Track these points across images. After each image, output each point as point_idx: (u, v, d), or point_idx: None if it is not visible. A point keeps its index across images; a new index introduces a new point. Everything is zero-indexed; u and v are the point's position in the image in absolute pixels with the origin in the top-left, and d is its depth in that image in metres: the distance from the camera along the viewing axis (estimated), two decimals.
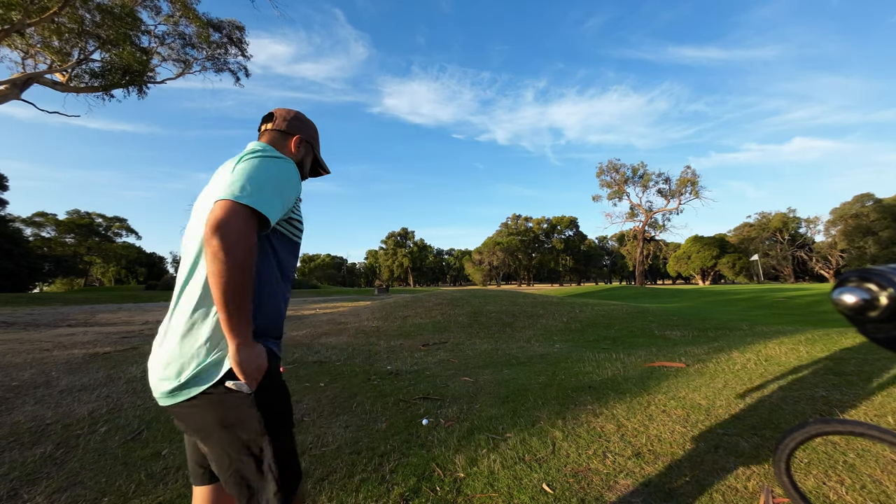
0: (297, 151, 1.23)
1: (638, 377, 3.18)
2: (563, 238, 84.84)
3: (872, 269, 0.86)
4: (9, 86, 14.54)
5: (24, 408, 2.88)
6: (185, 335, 0.93)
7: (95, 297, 23.03)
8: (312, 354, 4.73)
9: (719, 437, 2.05)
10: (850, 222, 51.36)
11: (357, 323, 7.30)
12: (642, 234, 49.86)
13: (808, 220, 63.16)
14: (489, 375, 3.56)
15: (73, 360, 4.33)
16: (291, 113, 1.25)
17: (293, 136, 1.23)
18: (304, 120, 1.27)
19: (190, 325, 0.93)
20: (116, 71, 15.83)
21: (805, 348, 3.57)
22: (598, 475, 1.78)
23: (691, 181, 46.04)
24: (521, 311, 7.63)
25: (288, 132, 1.22)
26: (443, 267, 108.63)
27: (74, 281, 50.52)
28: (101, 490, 1.82)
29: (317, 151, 1.31)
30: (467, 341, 5.61)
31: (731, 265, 59.32)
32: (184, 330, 0.94)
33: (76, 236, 46.81)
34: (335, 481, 1.82)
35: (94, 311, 13.52)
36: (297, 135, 1.23)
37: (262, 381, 0.95)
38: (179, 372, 0.92)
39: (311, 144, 1.28)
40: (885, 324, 0.84)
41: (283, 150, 1.20)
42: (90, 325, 9.34)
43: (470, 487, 1.73)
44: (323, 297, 24.59)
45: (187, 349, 0.93)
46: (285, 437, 0.99)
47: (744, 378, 2.93)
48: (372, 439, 2.26)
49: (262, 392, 0.95)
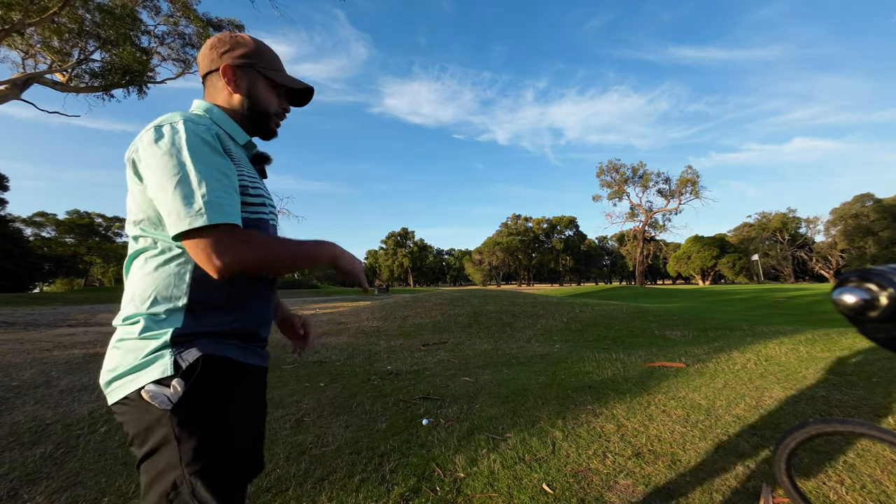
0: (236, 85, 0.91)
1: (638, 377, 3.18)
2: (563, 238, 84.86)
3: (872, 270, 0.86)
4: (9, 86, 14.55)
5: (24, 408, 2.88)
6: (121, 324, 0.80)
7: (95, 297, 23.02)
8: (312, 354, 4.73)
9: (719, 437, 2.05)
10: (850, 222, 51.36)
11: (357, 323, 7.30)
12: (642, 234, 49.88)
13: (808, 220, 63.19)
14: (489, 375, 3.56)
15: (73, 360, 4.32)
16: (208, 43, 0.94)
17: (219, 69, 0.91)
18: (229, 40, 0.93)
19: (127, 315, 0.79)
20: (116, 71, 15.84)
21: (805, 348, 3.57)
22: (598, 475, 1.78)
23: (691, 181, 46.10)
24: (521, 311, 7.63)
25: (213, 70, 0.92)
26: (443, 267, 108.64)
27: (74, 281, 50.52)
28: (101, 490, 1.82)
29: (267, 71, 0.94)
30: (467, 341, 5.61)
31: (731, 265, 59.31)
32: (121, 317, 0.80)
33: (76, 236, 46.85)
34: (335, 481, 1.82)
35: (95, 311, 13.52)
36: (223, 64, 0.90)
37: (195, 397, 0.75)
38: (108, 367, 0.78)
39: (251, 64, 0.92)
40: (886, 324, 0.83)
41: (222, 97, 0.92)
42: (90, 325, 9.34)
43: (470, 487, 1.73)
44: (323, 296, 24.60)
45: (121, 344, 0.78)
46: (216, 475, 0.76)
47: (744, 378, 2.93)
48: (372, 439, 2.26)
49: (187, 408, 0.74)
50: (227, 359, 0.81)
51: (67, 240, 46.01)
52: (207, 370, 0.77)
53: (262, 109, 0.95)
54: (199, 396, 0.76)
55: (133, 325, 0.78)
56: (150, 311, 0.77)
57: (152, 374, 0.74)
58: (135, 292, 0.79)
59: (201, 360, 0.76)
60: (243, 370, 0.84)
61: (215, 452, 0.77)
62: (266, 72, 0.94)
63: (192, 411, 0.75)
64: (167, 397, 0.73)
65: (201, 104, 0.91)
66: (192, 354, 0.76)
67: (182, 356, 0.75)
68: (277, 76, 0.96)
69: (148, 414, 0.74)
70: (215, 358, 0.78)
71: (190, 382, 0.75)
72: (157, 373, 0.74)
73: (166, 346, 0.75)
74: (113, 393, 0.77)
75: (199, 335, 0.78)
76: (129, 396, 0.75)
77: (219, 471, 0.77)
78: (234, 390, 0.82)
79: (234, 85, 0.92)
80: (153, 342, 0.75)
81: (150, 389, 0.73)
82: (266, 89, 0.95)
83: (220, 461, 0.77)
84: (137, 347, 0.76)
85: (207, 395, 0.77)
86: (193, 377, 0.75)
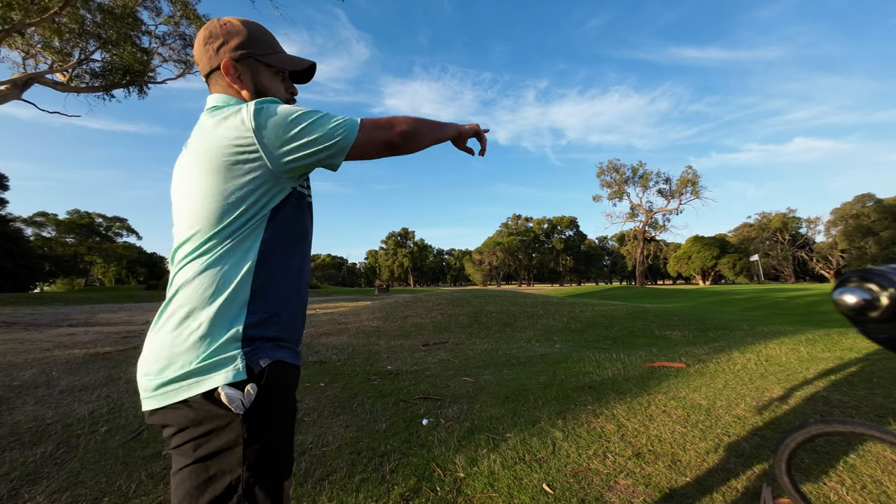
0: (241, 81, 0.89)
1: (638, 377, 3.18)
2: (564, 238, 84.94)
3: (873, 270, 0.86)
4: (10, 86, 14.56)
5: (24, 408, 2.88)
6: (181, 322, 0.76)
7: (96, 297, 23.04)
8: (313, 354, 4.73)
9: (720, 437, 2.05)
10: (851, 222, 51.34)
11: (357, 323, 7.30)
12: (642, 234, 49.88)
13: (808, 221, 63.21)
14: (489, 375, 3.56)
15: (73, 360, 4.33)
16: (200, 38, 0.89)
17: (220, 66, 0.87)
18: (221, 31, 0.88)
19: (188, 312, 0.76)
20: (117, 71, 15.83)
21: (806, 348, 3.56)
22: (599, 475, 1.78)
23: (692, 181, 46.14)
24: (522, 311, 7.63)
25: (214, 68, 0.88)
26: (443, 267, 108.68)
27: (75, 281, 50.57)
28: (101, 490, 1.82)
29: (267, 58, 0.90)
30: (467, 341, 5.61)
31: (731, 265, 59.31)
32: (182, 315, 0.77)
33: (77, 236, 46.86)
34: (335, 481, 1.82)
35: (95, 310, 13.53)
36: (222, 61, 0.87)
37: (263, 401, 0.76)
38: (166, 367, 0.74)
39: (249, 54, 0.88)
40: (886, 324, 0.83)
41: (231, 94, 0.90)
42: (91, 324, 9.35)
43: (470, 487, 1.73)
44: (323, 296, 24.60)
45: (181, 340, 0.75)
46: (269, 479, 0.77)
47: (744, 378, 2.93)
48: (372, 439, 2.26)
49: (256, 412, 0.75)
50: (287, 364, 0.81)
51: (68, 240, 46.02)
52: (273, 375, 0.77)
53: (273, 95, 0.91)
54: (265, 400, 0.76)
55: (194, 324, 0.75)
56: (214, 311, 0.75)
57: (224, 377, 0.72)
58: (192, 293, 0.77)
59: (269, 366, 0.76)
60: (296, 374, 0.86)
61: (274, 455, 0.78)
62: (266, 58, 0.91)
63: (260, 415, 0.75)
64: (242, 401, 0.72)
65: (221, 97, 0.89)
66: (263, 359, 0.76)
67: (253, 360, 0.75)
68: (278, 60, 0.92)
69: (214, 417, 0.72)
70: (280, 364, 0.79)
71: (261, 387, 0.75)
72: (230, 376, 0.73)
73: (236, 347, 0.75)
74: (169, 395, 0.73)
75: (261, 339, 0.78)
76: (192, 398, 0.72)
77: (273, 472, 0.78)
78: (288, 394, 0.83)
79: (238, 82, 0.89)
80: (219, 343, 0.74)
81: (228, 393, 0.72)
82: (270, 77, 0.92)
83: (276, 463, 0.78)
84: (201, 347, 0.74)
85: (271, 400, 0.77)
86: (263, 381, 0.75)
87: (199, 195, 0.78)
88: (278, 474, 0.80)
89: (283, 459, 0.82)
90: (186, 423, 0.73)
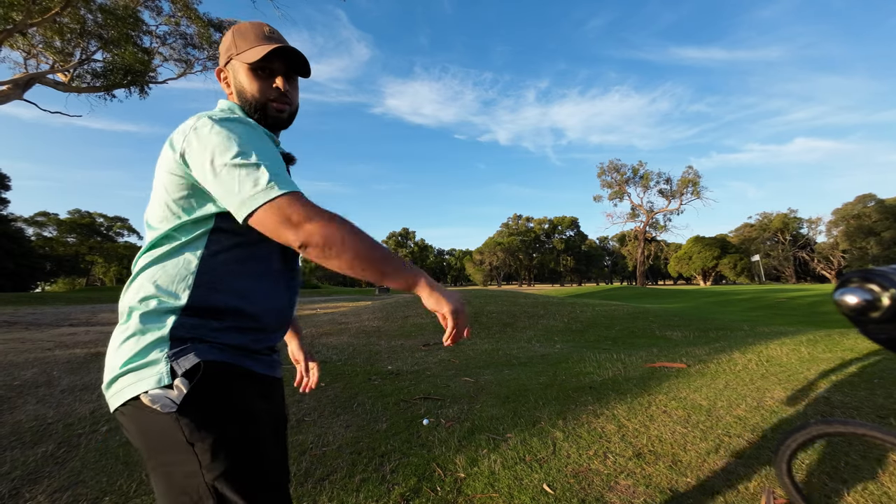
0: (227, 83, 0.92)
1: (639, 378, 3.18)
2: (564, 238, 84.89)
3: (874, 270, 0.86)
4: (11, 86, 14.59)
5: (25, 407, 2.89)
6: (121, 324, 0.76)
7: (97, 296, 23.06)
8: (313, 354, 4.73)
9: (720, 437, 2.04)
10: (852, 223, 51.25)
11: (358, 323, 7.30)
12: (643, 234, 49.85)
13: (809, 221, 63.12)
14: (490, 375, 3.56)
15: (74, 360, 4.33)
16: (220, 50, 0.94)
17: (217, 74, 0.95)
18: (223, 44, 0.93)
19: (128, 311, 0.76)
20: (118, 71, 15.86)
21: (806, 349, 3.56)
22: (599, 476, 1.78)
23: (692, 181, 46.10)
24: (522, 311, 7.63)
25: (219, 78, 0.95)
26: (443, 267, 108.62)
27: (76, 281, 50.62)
28: (102, 489, 1.82)
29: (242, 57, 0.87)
30: (468, 341, 5.61)
31: (732, 266, 59.23)
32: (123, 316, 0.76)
33: (78, 236, 46.97)
34: (336, 481, 1.82)
35: (96, 310, 13.54)
36: (217, 68, 0.94)
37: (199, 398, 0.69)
38: (108, 368, 0.74)
39: (231, 56, 0.89)
40: (887, 324, 0.83)
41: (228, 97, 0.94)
42: (92, 324, 9.36)
43: (470, 487, 1.73)
44: (324, 296, 24.60)
45: (116, 343, 0.74)
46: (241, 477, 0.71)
47: (745, 379, 2.92)
48: (372, 439, 2.26)
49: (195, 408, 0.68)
50: (231, 364, 0.76)
51: (69, 239, 46.12)
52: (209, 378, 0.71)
53: (251, 99, 0.88)
54: (206, 395, 0.70)
55: (131, 323, 0.74)
56: (147, 311, 0.73)
57: (147, 384, 0.69)
58: (132, 293, 0.77)
59: (197, 366, 0.70)
60: (249, 377, 0.79)
61: (236, 452, 0.71)
62: (242, 58, 0.87)
63: (202, 410, 0.69)
64: (169, 399, 0.67)
65: (227, 103, 0.91)
66: (190, 360, 0.70)
67: (180, 361, 0.69)
68: (247, 56, 0.86)
69: (152, 422, 0.69)
70: (218, 364, 0.73)
71: (194, 382, 0.69)
72: (153, 382, 0.68)
73: (163, 349, 0.70)
74: (112, 399, 0.73)
75: (195, 339, 0.73)
76: (122, 406, 0.71)
77: (244, 472, 0.71)
78: (236, 397, 0.76)
79: (227, 86, 0.92)
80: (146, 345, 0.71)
81: (151, 395, 0.68)
82: (247, 76, 0.87)
83: (243, 461, 0.72)
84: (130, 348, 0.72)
85: (215, 394, 0.71)
86: (196, 378, 0.70)
87: (154, 195, 0.82)
88: (257, 475, 0.73)
89: (259, 458, 0.75)
90: (132, 431, 0.72)
